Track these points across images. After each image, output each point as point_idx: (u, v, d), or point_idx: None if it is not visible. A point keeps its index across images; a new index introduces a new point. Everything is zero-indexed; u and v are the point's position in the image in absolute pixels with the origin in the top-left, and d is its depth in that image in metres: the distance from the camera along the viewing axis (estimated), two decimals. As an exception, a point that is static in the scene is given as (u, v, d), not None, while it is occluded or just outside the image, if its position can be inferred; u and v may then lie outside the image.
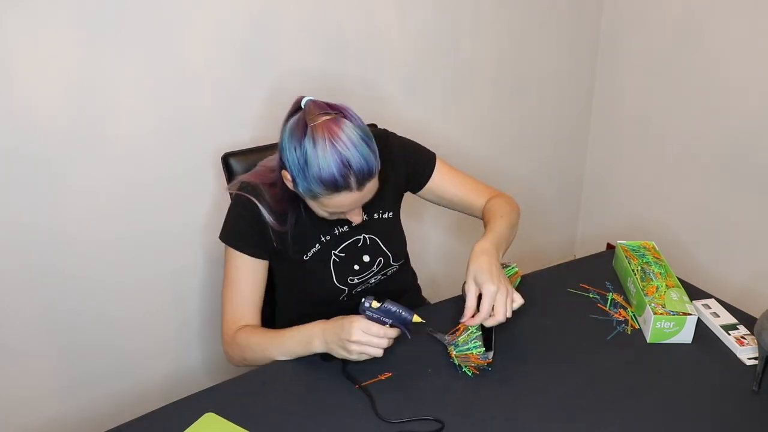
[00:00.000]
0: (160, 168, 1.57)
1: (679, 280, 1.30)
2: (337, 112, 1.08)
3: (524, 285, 1.34)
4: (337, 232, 1.26)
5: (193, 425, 0.98)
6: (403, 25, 1.83)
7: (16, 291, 1.47)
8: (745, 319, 1.23)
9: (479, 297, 1.09)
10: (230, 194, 1.24)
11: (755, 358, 1.12)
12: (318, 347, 1.11)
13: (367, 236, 1.29)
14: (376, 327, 1.05)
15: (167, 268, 1.67)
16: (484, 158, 2.21)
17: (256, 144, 1.48)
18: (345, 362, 1.10)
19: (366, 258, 1.28)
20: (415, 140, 1.37)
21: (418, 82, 1.93)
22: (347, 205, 1.10)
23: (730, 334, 1.17)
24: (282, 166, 1.12)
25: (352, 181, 1.05)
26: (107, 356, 1.65)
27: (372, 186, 1.11)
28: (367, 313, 1.05)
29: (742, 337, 1.16)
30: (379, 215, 1.31)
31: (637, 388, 1.06)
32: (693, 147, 2.10)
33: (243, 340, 1.18)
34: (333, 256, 1.26)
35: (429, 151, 1.38)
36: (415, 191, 1.37)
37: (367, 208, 1.26)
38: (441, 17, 1.89)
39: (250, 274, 1.21)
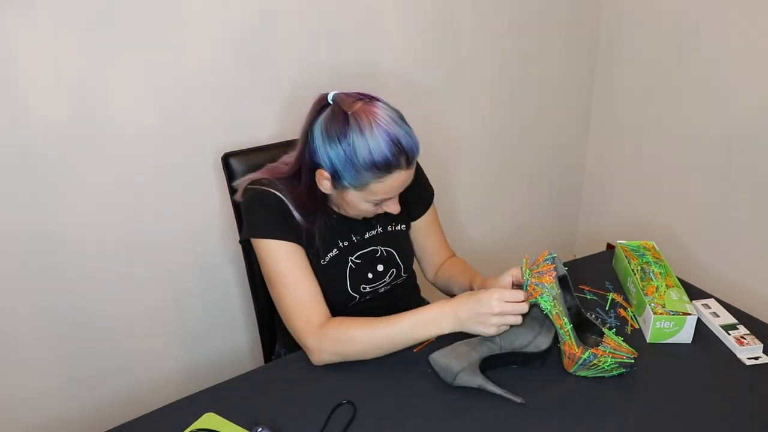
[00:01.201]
0: (160, 168, 1.57)
1: (679, 280, 1.30)
2: (368, 97, 1.09)
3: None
4: (354, 239, 1.25)
5: (193, 425, 0.98)
6: (403, 25, 1.83)
7: (16, 291, 1.47)
8: (745, 319, 1.23)
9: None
10: (243, 191, 1.20)
11: (755, 358, 1.12)
12: (447, 327, 1.07)
13: (383, 249, 1.28)
14: (511, 293, 1.04)
15: (167, 268, 1.66)
16: (483, 158, 2.21)
17: (256, 144, 1.48)
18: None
19: (380, 268, 1.28)
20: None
21: (418, 82, 1.93)
22: (397, 187, 1.10)
23: (729, 334, 1.17)
24: (315, 167, 1.10)
25: (403, 159, 1.06)
26: (107, 356, 1.65)
27: (414, 165, 1.11)
28: None
29: (742, 337, 1.16)
30: (392, 227, 1.31)
31: (637, 388, 1.06)
32: (693, 147, 2.10)
33: (340, 334, 1.10)
34: (350, 263, 1.24)
35: (431, 186, 1.38)
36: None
37: (382, 221, 1.28)
38: (441, 17, 1.89)
39: (295, 260, 1.15)
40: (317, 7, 1.66)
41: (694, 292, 1.32)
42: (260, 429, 0.94)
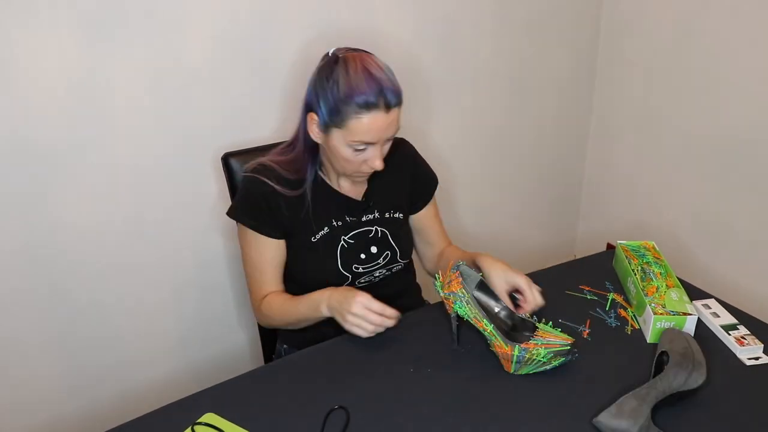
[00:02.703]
0: (160, 168, 1.57)
1: (679, 280, 1.30)
2: (363, 51, 1.17)
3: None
4: (348, 219, 1.29)
5: (193, 425, 0.98)
6: (403, 25, 1.83)
7: (15, 290, 1.47)
8: (745, 319, 1.23)
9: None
10: (243, 171, 1.29)
11: (756, 358, 1.12)
12: (324, 312, 1.17)
13: (379, 228, 1.32)
14: (377, 305, 1.10)
15: (167, 268, 1.66)
16: (483, 158, 2.21)
17: (256, 144, 1.48)
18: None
19: (374, 249, 1.31)
20: (415, 143, 1.42)
21: (418, 82, 1.93)
22: (376, 130, 1.14)
23: (730, 334, 1.17)
24: (307, 110, 1.18)
25: (382, 100, 1.11)
26: (107, 356, 1.65)
27: (396, 117, 1.16)
28: None
29: (742, 337, 1.16)
30: (390, 214, 1.34)
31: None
32: (693, 147, 2.10)
33: (266, 309, 1.28)
34: (342, 242, 1.28)
35: (434, 176, 1.43)
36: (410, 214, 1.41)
37: (380, 206, 1.32)
38: (441, 18, 1.89)
39: (261, 249, 1.27)
40: (317, 7, 1.66)
41: (694, 292, 1.32)
42: None
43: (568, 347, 1.07)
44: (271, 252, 1.27)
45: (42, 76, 1.36)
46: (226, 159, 1.39)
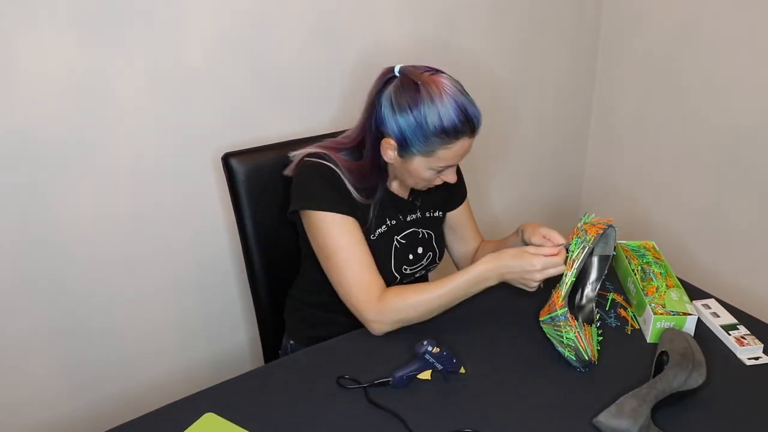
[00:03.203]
0: (160, 168, 1.57)
1: (679, 280, 1.30)
2: (433, 69, 1.16)
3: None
4: (400, 218, 1.29)
5: (193, 425, 0.98)
6: (403, 25, 1.83)
7: (16, 291, 1.47)
8: (745, 319, 1.23)
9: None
10: (298, 163, 1.23)
11: (756, 358, 1.13)
12: (493, 282, 1.17)
13: (424, 231, 1.32)
14: (546, 249, 1.15)
15: (167, 268, 1.66)
16: (483, 158, 2.21)
17: (256, 144, 1.48)
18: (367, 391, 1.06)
19: (420, 250, 1.31)
20: None
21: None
22: (461, 154, 1.16)
23: (730, 334, 1.17)
24: (381, 136, 1.16)
25: (468, 126, 1.13)
26: (107, 356, 1.65)
27: (476, 134, 1.18)
28: (426, 357, 1.04)
29: (742, 337, 1.16)
30: (431, 213, 1.36)
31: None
32: (693, 147, 2.10)
33: (400, 302, 1.16)
34: (395, 242, 1.27)
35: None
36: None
37: (423, 206, 1.34)
38: (440, 18, 1.89)
39: (350, 233, 1.17)
40: (318, 7, 1.66)
41: (694, 292, 1.32)
42: (428, 344, 1.04)
43: (587, 359, 1.09)
44: (355, 230, 1.17)
45: (42, 75, 1.36)
46: (226, 159, 1.39)
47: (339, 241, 1.16)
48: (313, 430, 0.98)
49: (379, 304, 1.15)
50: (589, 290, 1.20)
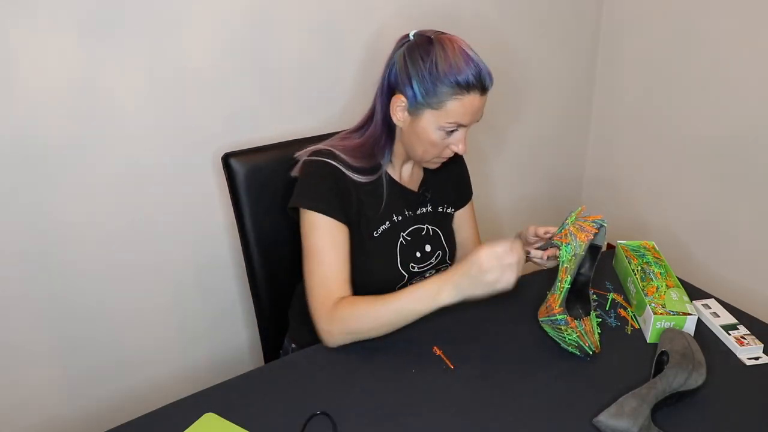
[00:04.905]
0: (160, 168, 1.57)
1: (679, 280, 1.30)
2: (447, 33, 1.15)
3: (524, 285, 1.33)
4: (407, 213, 1.27)
5: (193, 425, 0.98)
6: (403, 25, 1.83)
7: (15, 291, 1.47)
8: (745, 319, 1.23)
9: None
10: (302, 163, 1.22)
11: (756, 358, 1.12)
12: (447, 298, 1.06)
13: (430, 227, 1.30)
14: (500, 247, 1.02)
15: (167, 268, 1.66)
16: (483, 158, 2.21)
17: (256, 144, 1.48)
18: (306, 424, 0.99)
19: (428, 248, 1.29)
20: None
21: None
22: (471, 112, 1.14)
23: (730, 334, 1.17)
24: (391, 92, 1.15)
25: (479, 83, 1.12)
26: (107, 356, 1.65)
27: (486, 98, 1.16)
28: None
29: (742, 337, 1.16)
30: (443, 209, 1.35)
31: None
32: (693, 147, 2.10)
33: (347, 313, 1.10)
34: (400, 238, 1.25)
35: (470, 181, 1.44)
36: None
37: (434, 200, 1.32)
38: (440, 17, 1.89)
39: (334, 239, 1.14)
40: (317, 7, 1.66)
41: (694, 292, 1.32)
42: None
43: (591, 352, 1.11)
44: (341, 239, 1.15)
45: (42, 76, 1.36)
46: (226, 159, 1.39)
47: (319, 242, 1.14)
48: (314, 430, 0.98)
49: (331, 313, 1.11)
50: (583, 278, 1.21)
